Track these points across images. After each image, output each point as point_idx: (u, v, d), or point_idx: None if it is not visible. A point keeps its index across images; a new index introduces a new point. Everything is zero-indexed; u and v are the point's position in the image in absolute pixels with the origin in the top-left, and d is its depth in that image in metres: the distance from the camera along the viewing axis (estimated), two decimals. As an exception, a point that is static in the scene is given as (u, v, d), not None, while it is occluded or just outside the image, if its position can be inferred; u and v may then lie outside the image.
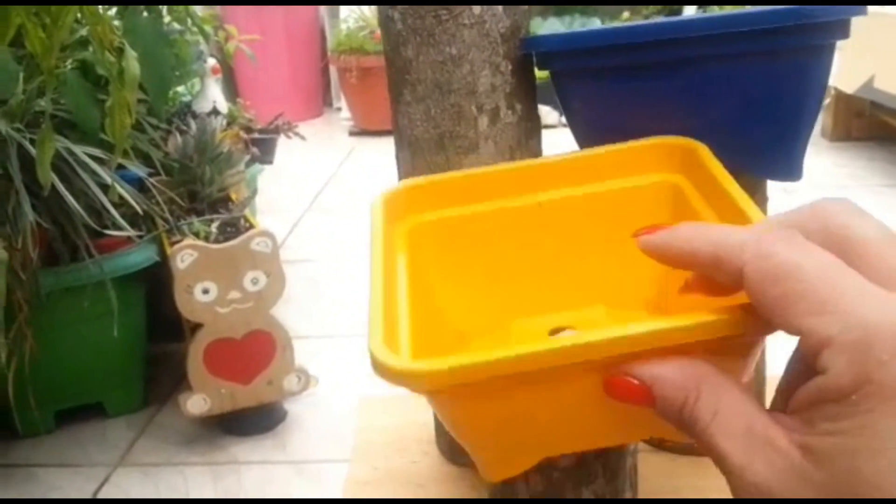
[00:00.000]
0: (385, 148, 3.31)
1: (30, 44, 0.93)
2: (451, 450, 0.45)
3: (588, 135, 0.40)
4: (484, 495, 0.42)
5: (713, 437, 0.23)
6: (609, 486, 0.38)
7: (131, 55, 0.87)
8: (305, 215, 2.26)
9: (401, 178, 0.44)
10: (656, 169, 0.38)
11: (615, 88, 0.37)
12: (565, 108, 0.40)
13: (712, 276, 0.25)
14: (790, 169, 0.41)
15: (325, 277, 1.83)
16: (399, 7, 0.38)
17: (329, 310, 1.67)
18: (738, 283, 0.24)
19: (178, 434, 1.28)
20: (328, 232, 2.12)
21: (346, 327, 1.60)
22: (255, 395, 1.23)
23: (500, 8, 0.39)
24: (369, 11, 3.03)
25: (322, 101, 3.45)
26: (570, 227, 0.39)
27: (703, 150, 0.36)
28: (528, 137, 0.41)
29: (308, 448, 1.23)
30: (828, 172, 2.33)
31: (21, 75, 1.14)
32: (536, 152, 0.42)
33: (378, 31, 2.93)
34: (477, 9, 0.38)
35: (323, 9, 3.30)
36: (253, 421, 1.26)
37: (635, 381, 0.26)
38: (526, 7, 0.40)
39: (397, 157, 0.43)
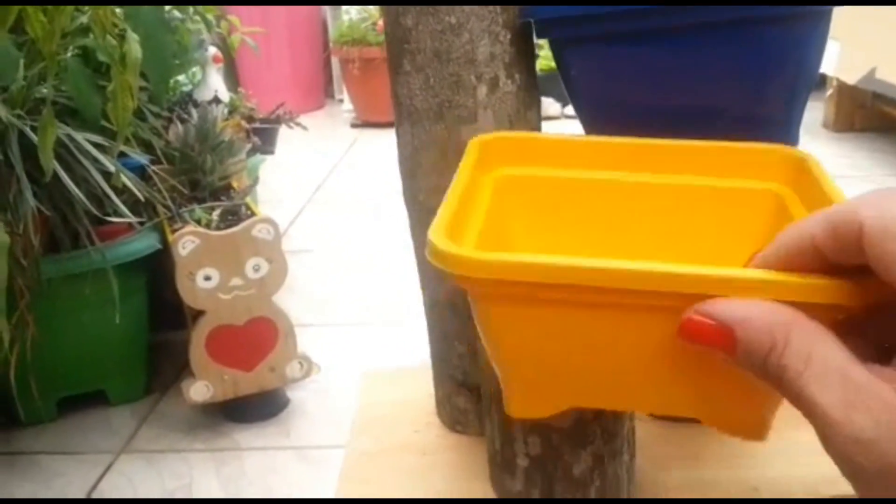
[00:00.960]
0: (387, 140, 3.31)
1: (31, 28, 0.93)
2: (452, 419, 0.45)
3: (587, 104, 0.40)
4: (485, 460, 0.42)
5: (805, 387, 0.22)
6: (607, 447, 0.38)
7: (133, 38, 0.87)
8: (307, 206, 2.26)
9: (400, 148, 0.44)
10: (761, 176, 0.37)
11: (615, 56, 0.37)
12: (564, 78, 0.40)
13: (831, 257, 0.23)
14: (786, 139, 0.41)
15: (327, 267, 1.83)
16: (399, -25, 0.38)
17: (330, 299, 1.68)
18: (856, 250, 0.22)
19: (180, 421, 1.28)
20: (329, 223, 2.12)
21: (347, 316, 1.60)
22: (257, 382, 1.23)
23: (499, -23, 0.39)
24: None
25: (324, 93, 3.45)
26: (661, 213, 0.37)
27: (814, 162, 0.36)
28: (526, 108, 0.41)
29: (310, 434, 1.23)
30: (830, 163, 2.31)
31: (21, 62, 1.14)
32: (535, 123, 0.42)
33: (380, 23, 2.92)
34: (477, -23, 0.38)
35: (324, 0, 3.30)
36: (255, 408, 1.26)
37: (714, 322, 0.24)
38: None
39: (397, 129, 0.43)
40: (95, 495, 1.13)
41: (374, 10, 3.02)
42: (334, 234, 2.03)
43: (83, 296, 1.19)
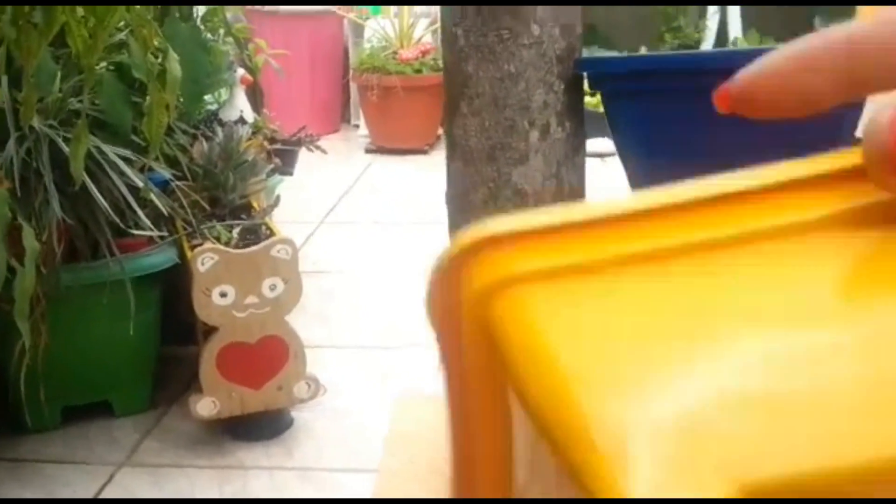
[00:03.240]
0: (400, 166, 3.34)
1: (72, 42, 0.96)
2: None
3: (634, 154, 0.42)
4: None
5: None
6: None
7: (173, 57, 0.90)
8: (320, 228, 2.28)
9: (449, 185, 0.45)
10: None
11: (665, 111, 0.39)
12: (613, 129, 0.41)
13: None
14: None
15: (337, 289, 1.84)
16: (463, 25, 0.40)
17: (340, 320, 1.68)
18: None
19: (184, 437, 1.28)
20: (342, 245, 2.14)
21: (355, 338, 1.61)
22: (264, 401, 1.23)
23: (557, 30, 0.41)
24: (392, 32, 3.07)
25: (340, 118, 3.49)
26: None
27: None
28: (574, 153, 0.43)
29: (314, 456, 1.23)
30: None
31: (58, 74, 1.16)
32: (581, 167, 0.44)
33: (401, 52, 2.97)
34: (536, 30, 0.40)
35: (347, 27, 3.35)
36: (260, 426, 1.26)
37: None
38: (580, 31, 0.42)
39: (448, 167, 0.45)
40: (96, 506, 1.13)
41: (394, 38, 3.07)
42: (346, 257, 2.04)
43: (99, 306, 1.20)
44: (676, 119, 0.38)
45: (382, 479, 0.44)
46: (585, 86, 0.48)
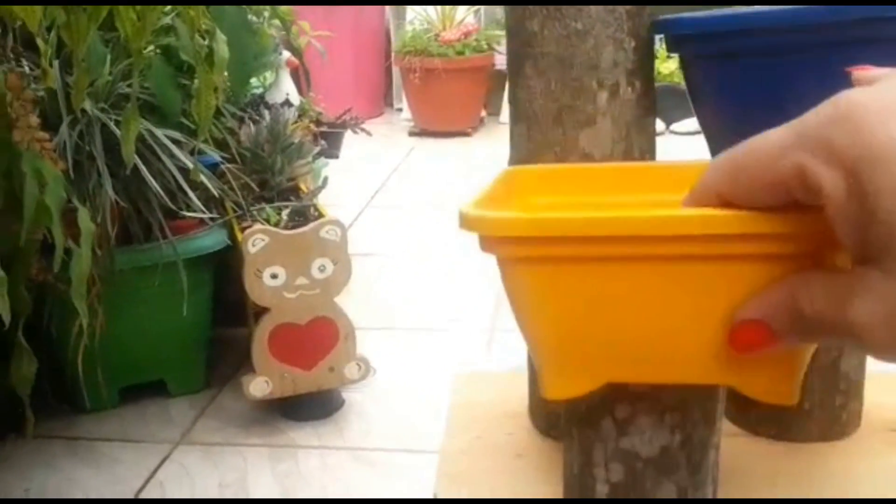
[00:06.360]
0: (444, 149, 3.33)
1: (121, 25, 0.96)
2: (548, 424, 0.45)
3: (717, 121, 0.39)
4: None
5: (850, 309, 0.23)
6: (691, 478, 0.37)
7: (221, 38, 0.90)
8: (365, 211, 2.28)
9: (513, 150, 0.44)
10: None
11: (750, 72, 0.36)
12: (693, 94, 0.39)
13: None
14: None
15: (385, 271, 1.84)
16: (527, -21, 0.38)
17: (388, 303, 1.69)
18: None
19: (238, 416, 1.30)
20: (387, 228, 2.14)
21: (402, 320, 1.61)
22: (315, 381, 1.24)
23: (625, -16, 0.39)
24: (434, 14, 3.05)
25: (383, 101, 3.48)
26: None
27: None
28: (644, 115, 0.41)
29: (365, 436, 1.23)
30: None
31: (108, 58, 1.17)
32: (651, 132, 0.42)
33: (443, 34, 2.95)
34: (603, -17, 0.38)
35: (389, 10, 3.34)
36: (312, 406, 1.27)
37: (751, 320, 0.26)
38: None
39: (512, 131, 0.43)
40: (153, 484, 1.15)
41: (436, 20, 3.05)
42: (392, 239, 2.04)
43: (152, 288, 1.22)
44: (765, 79, 0.36)
45: (448, 459, 0.43)
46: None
